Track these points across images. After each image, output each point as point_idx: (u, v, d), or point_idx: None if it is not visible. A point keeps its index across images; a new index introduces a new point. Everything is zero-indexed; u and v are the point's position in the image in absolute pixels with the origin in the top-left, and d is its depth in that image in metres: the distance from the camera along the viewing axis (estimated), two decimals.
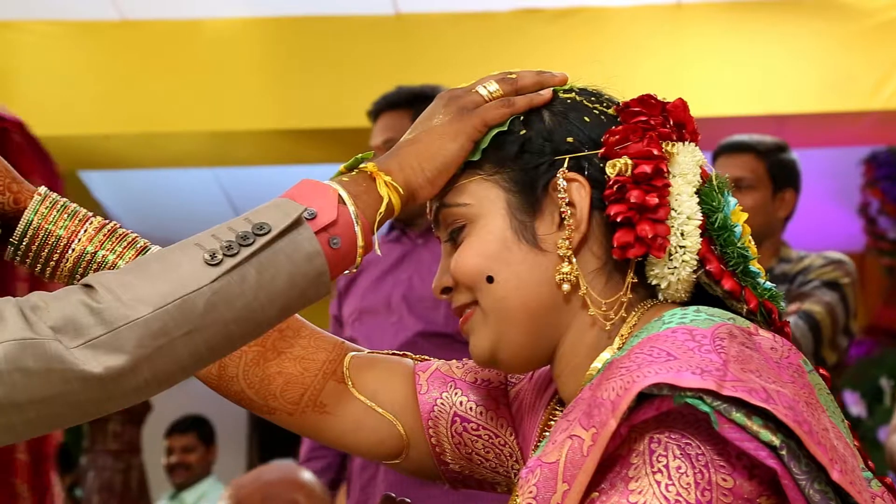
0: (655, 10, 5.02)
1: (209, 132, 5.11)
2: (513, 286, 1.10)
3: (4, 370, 0.98)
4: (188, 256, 1.04)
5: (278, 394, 1.22)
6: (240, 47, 5.07)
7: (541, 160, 1.11)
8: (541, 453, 1.02)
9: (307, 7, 4.97)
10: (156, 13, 5.03)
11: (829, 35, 4.85)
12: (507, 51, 5.01)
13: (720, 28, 4.97)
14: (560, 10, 5.03)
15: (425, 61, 4.99)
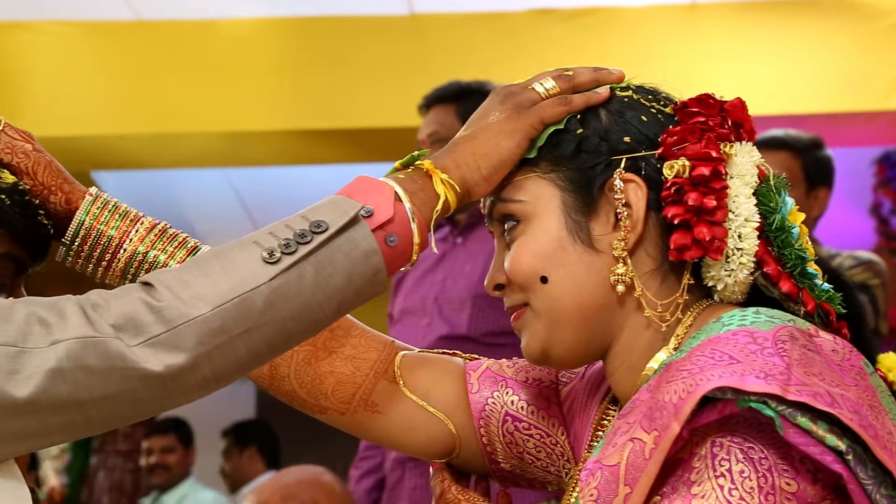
0: (670, 9, 5.01)
1: (223, 132, 5.11)
2: (567, 287, 1.10)
3: (67, 368, 0.98)
4: (246, 254, 1.04)
5: (330, 393, 1.22)
6: (254, 47, 5.06)
7: (597, 160, 1.11)
8: (600, 455, 1.01)
9: (321, 7, 4.97)
10: (170, 13, 5.03)
11: (844, 35, 4.84)
12: (522, 51, 5.01)
13: (735, 28, 4.96)
14: (574, 10, 5.03)
15: (440, 61, 4.99)
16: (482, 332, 2.79)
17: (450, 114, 2.95)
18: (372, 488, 3.02)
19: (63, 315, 1.00)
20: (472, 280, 2.83)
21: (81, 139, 4.99)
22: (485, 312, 2.81)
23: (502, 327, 2.78)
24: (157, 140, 5.14)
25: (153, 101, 5.00)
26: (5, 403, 0.98)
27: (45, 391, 0.98)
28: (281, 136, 5.13)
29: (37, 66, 5.06)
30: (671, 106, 1.14)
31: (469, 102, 2.93)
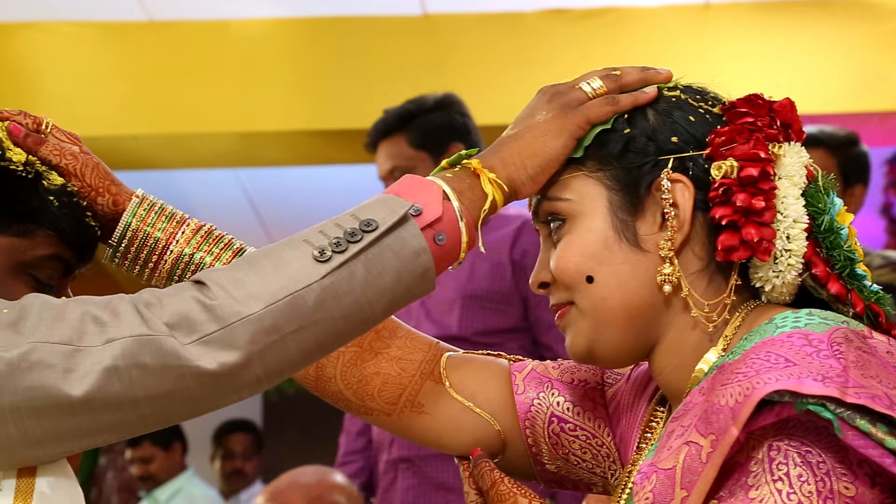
0: (683, 10, 5.01)
1: (236, 133, 5.11)
2: (613, 286, 1.10)
3: (122, 366, 0.99)
4: (297, 253, 1.05)
5: (376, 394, 1.22)
6: (267, 48, 5.07)
7: (645, 160, 1.11)
8: (654, 458, 1.01)
9: (334, 7, 4.98)
10: (182, 14, 5.04)
11: (858, 35, 4.84)
12: (535, 51, 5.01)
13: (748, 28, 4.96)
14: (587, 11, 5.03)
15: (453, 61, 5.00)
16: (473, 331, 2.80)
17: (401, 144, 2.93)
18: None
19: (117, 314, 1.01)
20: (459, 281, 2.83)
21: (94, 139, 4.94)
22: (474, 312, 2.81)
23: (492, 326, 2.78)
24: (170, 140, 5.15)
25: (166, 101, 5.01)
26: (61, 402, 0.99)
27: (100, 389, 0.99)
28: (293, 136, 5.13)
29: (49, 67, 5.07)
30: (719, 106, 1.14)
31: (415, 126, 2.94)
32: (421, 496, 2.80)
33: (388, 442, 2.87)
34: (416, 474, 2.81)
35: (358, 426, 3.07)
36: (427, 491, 2.81)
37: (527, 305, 2.81)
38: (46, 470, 1.04)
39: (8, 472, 1.02)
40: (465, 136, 2.95)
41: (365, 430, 3.06)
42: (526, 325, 2.79)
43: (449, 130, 2.95)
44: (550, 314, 2.95)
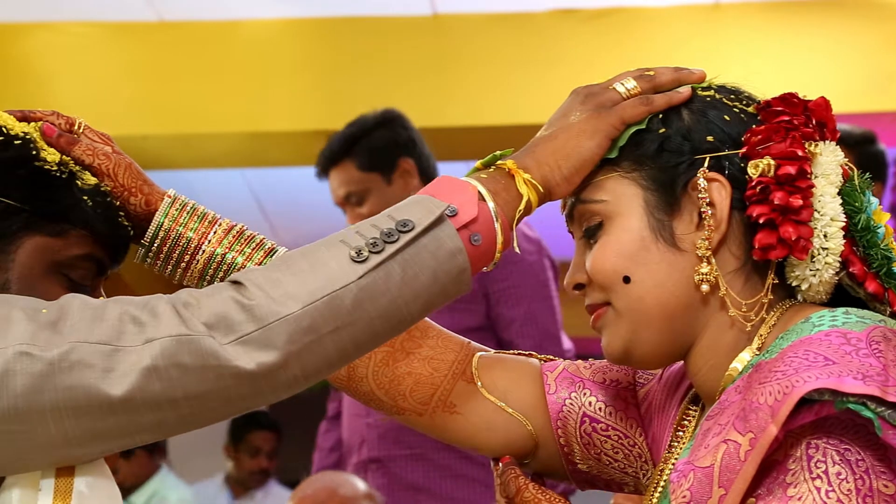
0: (693, 10, 5.01)
1: (246, 133, 5.12)
2: (650, 286, 1.10)
3: (161, 366, 0.99)
4: (334, 253, 1.05)
5: (408, 394, 1.22)
6: (277, 48, 5.07)
7: (680, 159, 1.11)
8: (691, 457, 1.01)
9: (344, 8, 4.98)
10: (192, 14, 5.04)
11: (869, 35, 4.84)
12: (545, 51, 5.01)
13: (758, 28, 4.96)
14: (597, 11, 5.03)
15: (462, 61, 5.00)
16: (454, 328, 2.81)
17: (350, 169, 2.94)
18: None
19: (155, 314, 1.01)
20: None
21: None
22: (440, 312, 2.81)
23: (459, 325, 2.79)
24: (180, 141, 5.15)
25: (175, 101, 5.02)
26: (101, 402, 0.99)
27: (139, 389, 0.99)
28: (303, 136, 5.13)
29: (59, 67, 5.07)
30: (754, 105, 1.14)
31: (361, 148, 2.94)
32: (391, 496, 2.81)
33: (358, 444, 2.88)
34: (385, 475, 2.82)
35: (330, 443, 3.07)
36: (396, 491, 2.82)
37: (488, 303, 2.81)
38: (84, 469, 1.04)
39: (47, 471, 1.03)
40: (412, 149, 2.96)
41: (337, 447, 3.06)
42: (488, 322, 2.79)
43: (394, 147, 2.95)
44: (510, 310, 2.91)
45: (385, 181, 2.91)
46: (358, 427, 2.87)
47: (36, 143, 1.17)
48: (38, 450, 1.00)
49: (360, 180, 2.92)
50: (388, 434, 2.81)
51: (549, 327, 2.81)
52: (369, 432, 2.84)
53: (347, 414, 2.93)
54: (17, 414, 0.98)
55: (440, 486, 2.79)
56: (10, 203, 1.13)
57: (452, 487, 2.79)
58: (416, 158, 2.94)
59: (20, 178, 1.14)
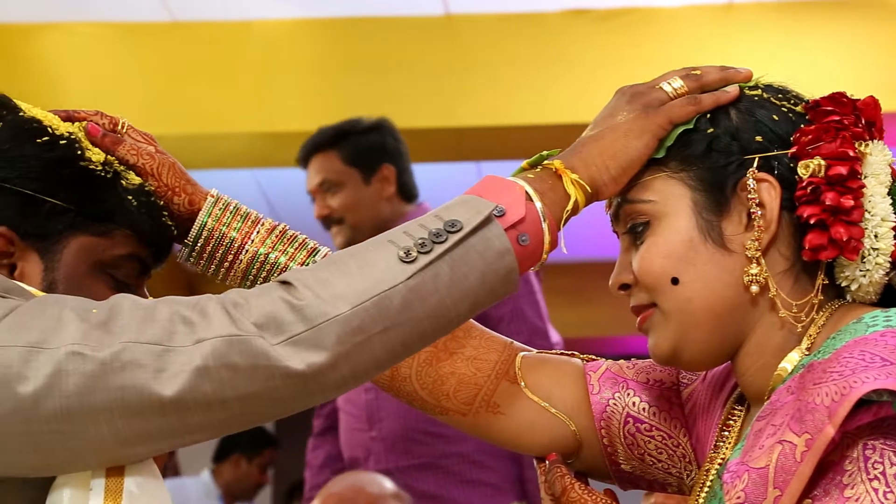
0: (706, 10, 5.00)
1: (259, 133, 5.11)
2: (699, 287, 1.10)
3: (212, 366, 0.99)
4: (383, 253, 1.04)
5: (451, 394, 1.22)
6: (289, 48, 5.07)
7: (729, 159, 1.11)
8: (744, 457, 1.01)
9: (357, 8, 4.98)
10: (205, 14, 5.04)
11: (882, 35, 4.83)
12: (557, 51, 5.00)
13: (770, 28, 4.95)
14: (609, 11, 5.02)
15: (474, 62, 4.99)
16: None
17: (333, 159, 2.97)
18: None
19: (206, 314, 1.01)
20: None
21: None
22: None
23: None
24: (192, 141, 5.14)
25: (188, 101, 5.01)
26: (152, 402, 0.98)
27: (190, 389, 0.99)
28: None
29: (72, 67, 5.07)
30: (801, 104, 1.13)
31: (349, 143, 2.97)
32: None
33: (364, 457, 2.87)
34: (397, 486, 2.81)
35: (320, 459, 3.06)
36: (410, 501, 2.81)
37: None
38: (134, 469, 1.04)
39: (97, 471, 1.02)
40: (396, 159, 3.00)
41: (328, 462, 3.05)
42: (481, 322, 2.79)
43: (381, 151, 2.98)
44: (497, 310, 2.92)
45: (363, 180, 2.94)
46: (361, 441, 2.86)
47: (81, 143, 1.17)
48: (89, 450, 1.00)
49: (340, 172, 2.95)
50: (397, 445, 2.80)
51: (536, 322, 2.81)
52: (375, 445, 2.83)
53: (347, 429, 2.91)
54: (70, 414, 0.98)
55: (453, 493, 2.79)
56: (56, 203, 1.14)
57: (465, 493, 2.79)
58: (398, 169, 2.98)
59: (66, 178, 1.14)
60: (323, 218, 2.97)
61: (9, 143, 1.14)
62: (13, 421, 0.98)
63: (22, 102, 1.18)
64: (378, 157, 2.95)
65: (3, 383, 0.97)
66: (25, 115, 1.16)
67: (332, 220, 2.95)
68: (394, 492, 2.43)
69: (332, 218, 2.95)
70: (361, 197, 2.92)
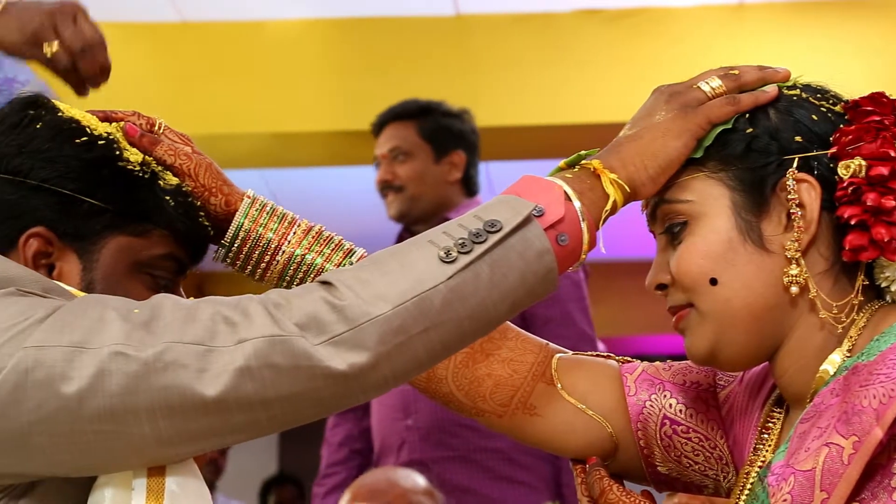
0: (717, 10, 5.00)
1: (270, 133, 5.11)
2: (738, 288, 1.09)
3: (255, 367, 0.98)
4: (423, 254, 1.04)
5: (488, 396, 1.21)
6: (300, 48, 5.07)
7: (768, 159, 1.11)
8: (789, 460, 1.01)
9: (368, 8, 4.98)
10: (215, 15, 5.04)
11: (894, 35, 4.83)
12: (568, 51, 5.00)
13: (782, 28, 4.95)
14: (621, 11, 5.02)
15: (485, 62, 4.99)
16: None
17: (410, 130, 3.00)
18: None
19: (247, 314, 1.01)
20: None
21: None
22: None
23: None
24: (203, 141, 5.08)
25: (198, 102, 5.01)
26: (195, 402, 0.98)
27: (233, 389, 0.99)
28: (326, 136, 5.13)
29: None
30: (841, 104, 1.13)
31: (429, 120, 3.01)
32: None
33: (397, 445, 2.86)
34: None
35: (339, 437, 3.06)
36: (441, 493, 2.80)
37: None
38: (175, 469, 1.04)
39: (138, 471, 1.02)
40: (470, 150, 3.02)
41: (346, 441, 3.05)
42: (522, 322, 2.79)
43: (458, 137, 3.02)
44: (547, 310, 2.91)
45: (434, 158, 2.96)
46: (396, 429, 2.86)
47: (119, 143, 1.17)
48: (132, 450, 1.00)
49: (414, 143, 2.98)
50: (431, 436, 2.80)
51: (585, 328, 2.81)
52: (410, 434, 2.83)
53: (381, 415, 2.91)
54: (113, 414, 0.98)
55: (485, 488, 2.78)
56: (94, 203, 1.14)
57: (497, 489, 2.78)
58: (468, 160, 2.99)
59: (104, 179, 1.15)
60: (384, 183, 2.98)
61: (48, 144, 1.14)
62: (57, 421, 0.98)
63: (60, 103, 1.18)
64: (453, 141, 2.98)
65: (47, 383, 0.97)
66: (64, 116, 1.16)
67: (391, 188, 2.97)
68: (426, 488, 2.42)
69: (392, 185, 2.96)
70: (427, 172, 2.95)
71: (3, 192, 1.13)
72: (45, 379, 0.97)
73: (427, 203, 2.92)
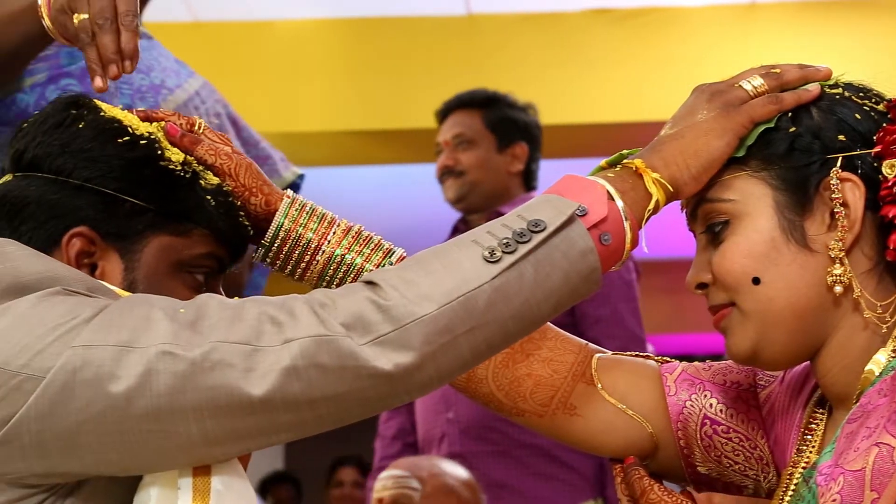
0: (728, 9, 5.00)
1: (281, 133, 5.10)
2: (781, 287, 1.09)
3: (301, 366, 0.98)
4: (467, 253, 1.04)
5: (528, 396, 1.21)
6: (311, 48, 5.07)
7: (811, 158, 1.10)
8: (838, 460, 1.00)
9: (378, 7, 4.98)
10: (227, 14, 5.04)
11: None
12: (578, 51, 5.00)
13: (794, 28, 4.94)
14: (631, 10, 5.02)
15: (496, 61, 4.99)
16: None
17: (476, 118, 3.00)
18: None
19: (293, 314, 1.01)
20: None
21: None
22: None
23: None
24: None
25: None
26: (242, 401, 0.98)
27: (279, 389, 0.99)
28: (337, 136, 5.13)
29: None
30: (884, 103, 1.13)
31: (495, 111, 3.01)
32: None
33: (439, 438, 2.86)
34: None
35: (392, 430, 3.06)
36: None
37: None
38: (220, 469, 1.04)
39: (184, 470, 1.02)
40: (534, 143, 3.04)
41: (399, 435, 3.05)
42: (572, 320, 2.79)
43: (522, 129, 3.02)
44: (597, 309, 2.89)
45: (497, 148, 2.97)
46: (438, 422, 2.85)
47: (161, 143, 1.17)
48: (178, 449, 1.00)
49: (478, 132, 2.98)
50: (471, 430, 2.79)
51: (634, 329, 2.80)
52: (450, 427, 2.82)
53: (424, 408, 2.90)
54: (160, 413, 0.98)
55: (523, 484, 2.77)
56: (136, 203, 1.14)
57: (536, 486, 2.77)
58: (531, 153, 3.01)
59: (146, 178, 1.15)
60: (445, 168, 2.98)
61: (90, 143, 1.14)
62: (105, 420, 0.98)
63: (102, 103, 1.18)
64: (517, 133, 3.00)
65: (96, 382, 0.97)
66: (106, 115, 1.16)
67: (452, 173, 2.97)
68: (468, 480, 2.42)
69: (453, 171, 2.96)
70: (489, 161, 2.95)
71: (46, 192, 1.13)
72: (94, 378, 0.97)
73: (485, 191, 2.93)
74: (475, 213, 2.96)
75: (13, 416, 0.97)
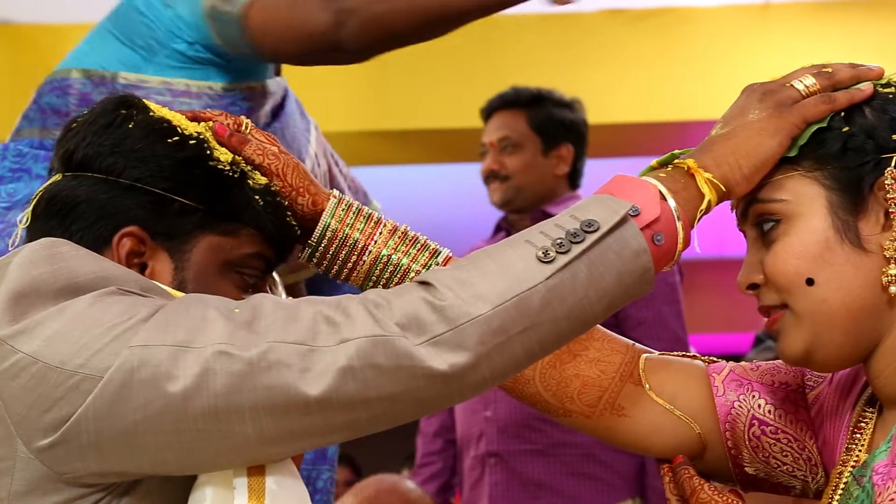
0: (742, 10, 4.99)
1: None
2: (834, 288, 1.09)
3: (357, 367, 0.98)
4: (521, 254, 1.04)
5: (575, 396, 1.21)
6: None
7: (865, 158, 1.10)
8: (894, 459, 1.00)
9: None
10: None
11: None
12: (593, 51, 5.00)
13: (808, 28, 4.94)
14: (646, 11, 5.01)
15: (511, 61, 4.99)
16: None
17: (520, 120, 2.98)
18: (436, 492, 3.04)
19: (349, 314, 1.01)
20: None
21: None
22: None
23: None
24: None
25: None
26: (298, 401, 0.98)
27: (335, 389, 0.98)
28: (353, 136, 5.13)
29: None
30: None
31: (541, 110, 2.98)
32: (509, 491, 2.80)
33: (477, 436, 2.85)
34: (504, 469, 2.80)
35: (434, 427, 3.06)
36: (516, 486, 2.80)
37: None
38: (274, 468, 1.04)
39: (238, 470, 1.02)
40: (579, 143, 3.01)
41: (441, 432, 3.05)
42: (615, 322, 2.78)
43: (568, 130, 2.99)
44: (640, 311, 2.88)
45: (542, 150, 2.95)
46: (476, 420, 2.85)
47: (209, 142, 1.17)
48: (234, 449, 1.00)
49: (523, 134, 2.96)
50: (508, 428, 2.79)
51: (677, 331, 2.79)
52: (488, 426, 2.82)
53: (462, 406, 2.89)
54: (217, 413, 0.98)
55: (561, 484, 2.76)
56: (185, 202, 1.14)
57: (574, 485, 2.76)
58: (576, 153, 2.98)
59: (195, 178, 1.14)
60: (491, 172, 2.96)
61: (140, 143, 1.14)
62: (162, 420, 0.98)
63: (151, 102, 1.17)
64: (563, 134, 2.97)
65: (153, 382, 0.97)
66: (155, 116, 1.16)
67: (497, 177, 2.95)
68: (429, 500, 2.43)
69: (499, 174, 2.95)
70: (535, 164, 2.94)
71: (96, 192, 1.13)
72: (151, 378, 0.97)
73: (531, 194, 2.91)
74: (519, 215, 2.96)
75: (71, 416, 0.97)
